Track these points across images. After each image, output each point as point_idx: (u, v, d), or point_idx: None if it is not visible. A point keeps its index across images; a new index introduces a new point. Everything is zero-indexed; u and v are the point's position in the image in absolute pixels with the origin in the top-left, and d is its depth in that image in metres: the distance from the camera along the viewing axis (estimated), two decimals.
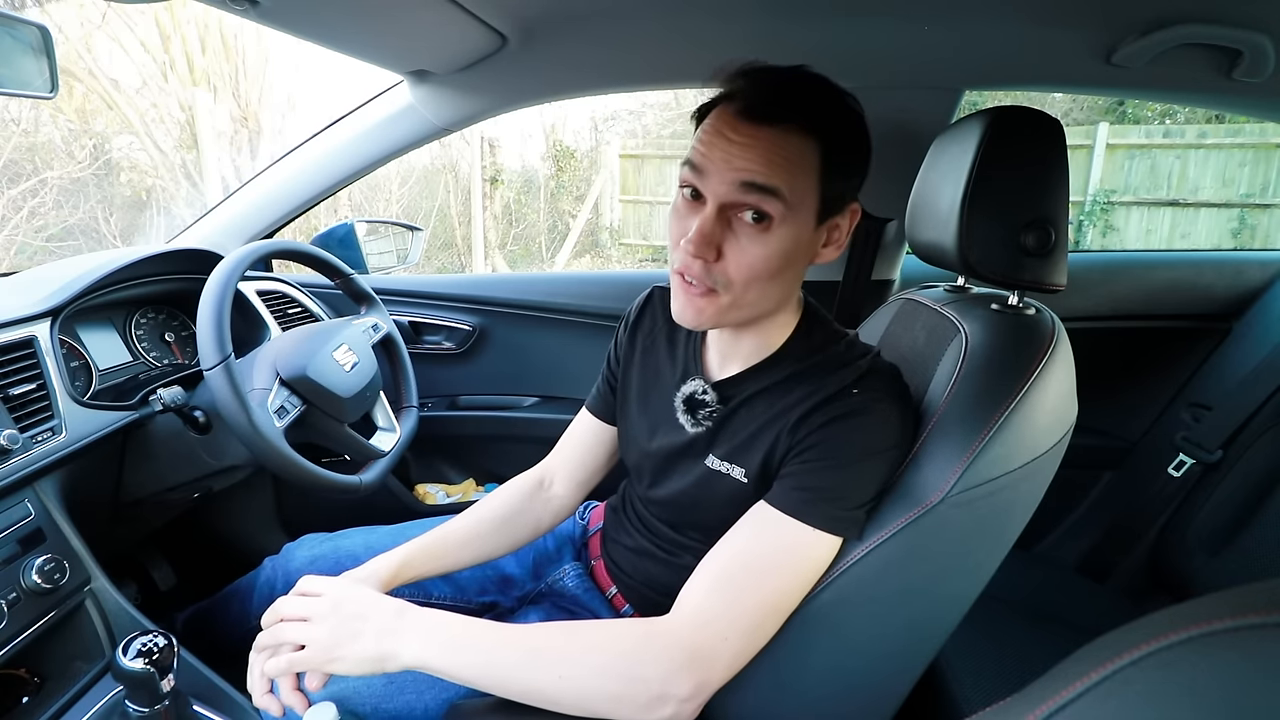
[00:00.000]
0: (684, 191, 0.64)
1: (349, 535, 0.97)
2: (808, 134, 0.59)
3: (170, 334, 1.24)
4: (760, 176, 0.59)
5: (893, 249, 1.37)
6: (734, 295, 0.63)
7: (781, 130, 0.59)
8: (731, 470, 0.71)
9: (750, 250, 0.61)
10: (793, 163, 0.59)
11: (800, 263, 0.65)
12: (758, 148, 0.59)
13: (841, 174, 0.62)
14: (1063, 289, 0.72)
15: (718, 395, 0.73)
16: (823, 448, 0.64)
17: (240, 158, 4.62)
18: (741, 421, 0.71)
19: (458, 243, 6.12)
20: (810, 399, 0.66)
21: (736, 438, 0.71)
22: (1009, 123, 0.72)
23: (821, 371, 0.68)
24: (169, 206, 4.22)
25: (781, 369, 0.70)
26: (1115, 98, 5.56)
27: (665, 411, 0.77)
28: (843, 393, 0.66)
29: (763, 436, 0.69)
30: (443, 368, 1.59)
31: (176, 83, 4.28)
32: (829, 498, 0.63)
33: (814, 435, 0.65)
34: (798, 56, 0.66)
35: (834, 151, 0.60)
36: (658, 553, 0.82)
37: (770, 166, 0.59)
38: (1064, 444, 0.68)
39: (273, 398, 0.98)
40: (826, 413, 0.65)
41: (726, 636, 0.60)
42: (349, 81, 2.96)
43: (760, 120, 0.59)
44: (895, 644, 0.71)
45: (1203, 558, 1.23)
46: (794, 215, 0.61)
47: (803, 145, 0.59)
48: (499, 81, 1.20)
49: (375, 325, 1.25)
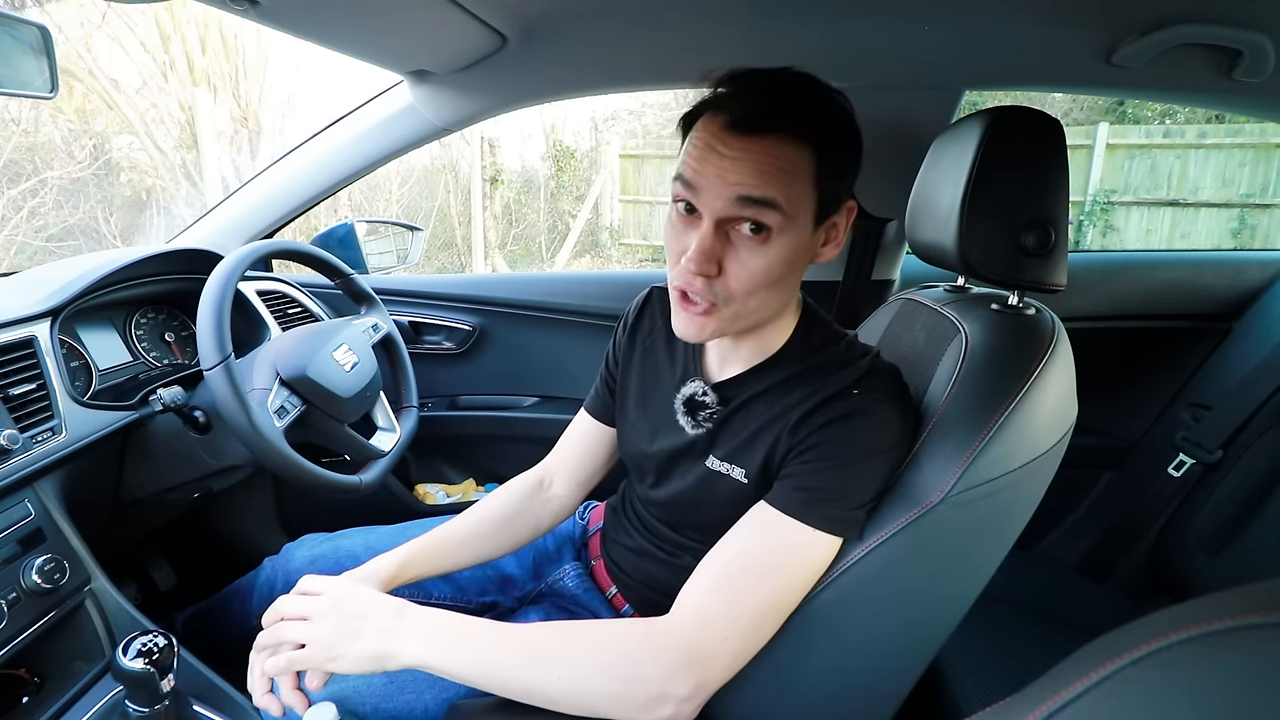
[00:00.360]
0: (678, 206, 0.63)
1: (349, 535, 0.97)
2: (800, 141, 0.58)
3: (170, 334, 1.24)
4: (756, 190, 0.58)
5: (892, 249, 1.37)
6: (735, 308, 0.63)
7: (774, 140, 0.58)
8: (732, 471, 0.71)
9: (751, 263, 0.61)
10: (787, 172, 0.58)
11: (800, 266, 0.65)
12: (750, 160, 0.58)
13: (836, 175, 0.61)
14: (1063, 289, 0.72)
15: (718, 397, 0.73)
16: (823, 448, 0.64)
17: (240, 158, 4.62)
18: (741, 422, 0.71)
19: (458, 243, 6.12)
20: (810, 399, 0.66)
21: (736, 438, 0.71)
22: (1009, 123, 0.72)
23: (821, 372, 0.68)
24: (169, 206, 4.23)
25: (781, 370, 0.70)
26: (1115, 98, 5.57)
27: (665, 413, 0.77)
28: (843, 393, 0.66)
29: (763, 437, 0.69)
30: (443, 368, 1.59)
31: (176, 83, 4.28)
32: (829, 498, 0.63)
33: (814, 436, 0.65)
34: (797, 57, 0.66)
35: (827, 154, 0.59)
36: (657, 553, 0.82)
37: (765, 179, 0.58)
38: (1064, 444, 0.68)
39: (273, 398, 0.98)
40: (826, 413, 0.65)
41: (726, 636, 0.60)
42: (349, 81, 2.96)
43: (750, 132, 0.58)
44: (895, 644, 0.71)
45: (1203, 558, 1.23)
46: (792, 223, 0.60)
47: (796, 153, 0.58)
48: (499, 81, 1.19)
49: (375, 325, 1.25)
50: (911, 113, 1.24)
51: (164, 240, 1.44)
